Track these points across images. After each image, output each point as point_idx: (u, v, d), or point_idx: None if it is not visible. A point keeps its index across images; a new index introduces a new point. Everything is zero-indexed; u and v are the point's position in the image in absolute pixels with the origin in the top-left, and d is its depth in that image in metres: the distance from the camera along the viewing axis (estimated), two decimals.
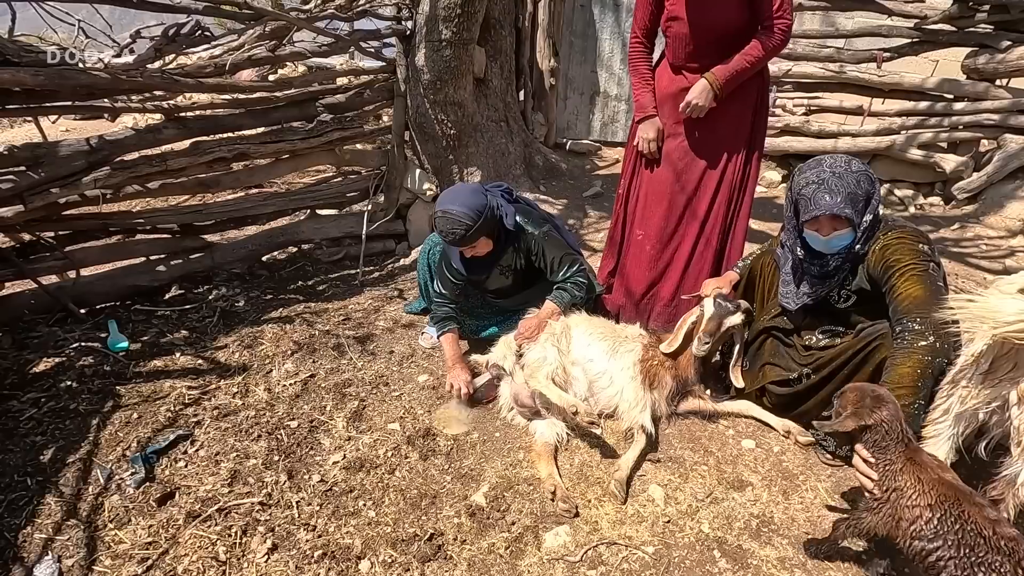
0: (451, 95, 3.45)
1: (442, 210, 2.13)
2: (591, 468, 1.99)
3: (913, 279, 1.69)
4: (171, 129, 2.81)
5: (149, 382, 2.34)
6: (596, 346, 2.24)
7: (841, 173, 1.77)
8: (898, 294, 1.70)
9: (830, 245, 1.83)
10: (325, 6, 3.19)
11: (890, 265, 1.74)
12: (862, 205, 1.78)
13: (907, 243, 1.75)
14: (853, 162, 1.80)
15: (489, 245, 2.28)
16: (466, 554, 1.66)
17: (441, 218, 2.13)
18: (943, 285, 1.71)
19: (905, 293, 1.68)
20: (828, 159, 1.83)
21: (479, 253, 2.28)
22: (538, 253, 2.35)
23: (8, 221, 2.48)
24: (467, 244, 2.18)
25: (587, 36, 5.64)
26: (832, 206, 1.75)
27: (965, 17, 4.10)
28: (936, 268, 1.73)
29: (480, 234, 2.17)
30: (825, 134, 4.87)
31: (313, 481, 1.89)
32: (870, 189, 1.79)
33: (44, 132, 2.90)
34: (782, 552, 1.67)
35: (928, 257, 1.73)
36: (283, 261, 3.51)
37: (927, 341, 1.59)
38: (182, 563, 1.60)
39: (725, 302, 2.11)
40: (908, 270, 1.71)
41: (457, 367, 2.29)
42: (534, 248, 2.35)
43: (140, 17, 2.68)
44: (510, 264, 2.42)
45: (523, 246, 2.36)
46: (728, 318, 2.09)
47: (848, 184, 1.75)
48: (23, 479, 1.85)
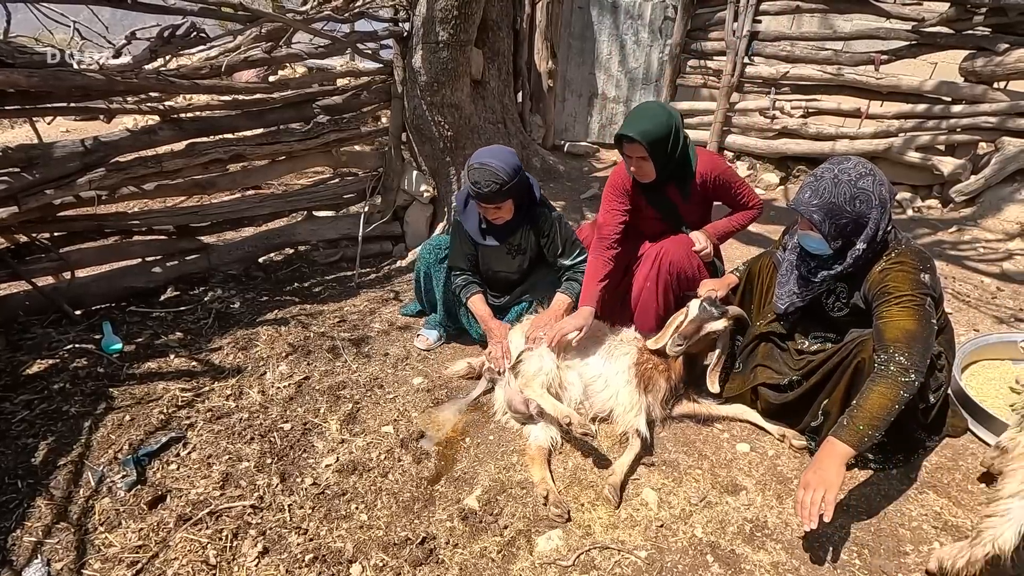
0: (448, 97, 3.44)
1: (480, 162, 2.16)
2: (585, 472, 1.98)
3: (907, 312, 1.65)
4: (167, 130, 2.80)
5: (142, 384, 2.34)
6: (591, 349, 2.23)
7: (843, 181, 1.69)
8: (888, 321, 1.67)
9: (804, 241, 1.84)
10: (322, 8, 3.19)
11: (888, 291, 1.70)
12: (848, 225, 1.70)
13: (908, 271, 1.69)
14: (866, 179, 1.69)
15: (511, 211, 2.31)
16: (458, 558, 1.65)
17: (479, 169, 2.15)
18: (935, 323, 1.69)
19: (896, 323, 1.65)
20: (852, 163, 1.73)
21: (503, 217, 2.31)
22: (550, 233, 2.41)
23: (3, 222, 2.47)
24: (499, 200, 2.20)
25: (585, 38, 5.64)
26: (803, 204, 1.73)
27: (963, 20, 4.10)
28: (932, 304, 1.69)
29: (511, 193, 2.21)
30: (823, 136, 4.87)
31: (305, 484, 1.89)
32: (864, 212, 1.68)
33: (39, 133, 2.89)
34: (775, 557, 1.67)
35: (926, 290, 1.68)
36: (279, 263, 3.51)
37: (910, 379, 1.59)
38: (172, 567, 1.59)
39: (711, 306, 2.09)
40: (904, 300, 1.66)
41: (495, 329, 2.36)
42: (547, 228, 2.41)
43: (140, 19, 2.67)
44: (519, 244, 2.46)
45: (537, 225, 2.42)
46: (710, 323, 2.07)
47: (838, 195, 1.68)
48: (13, 482, 1.84)
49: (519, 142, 4.69)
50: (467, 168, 2.21)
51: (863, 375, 1.76)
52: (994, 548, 1.42)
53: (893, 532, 1.74)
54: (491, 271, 2.58)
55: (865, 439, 1.58)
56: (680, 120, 2.19)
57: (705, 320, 2.07)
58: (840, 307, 1.89)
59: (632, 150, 2.15)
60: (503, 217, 2.31)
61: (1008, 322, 2.96)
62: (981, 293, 3.28)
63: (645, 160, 2.16)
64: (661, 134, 2.09)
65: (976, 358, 2.45)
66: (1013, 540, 1.41)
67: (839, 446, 1.58)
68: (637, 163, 2.19)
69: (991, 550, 1.43)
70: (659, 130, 2.09)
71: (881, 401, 1.59)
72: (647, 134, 2.08)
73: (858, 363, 1.78)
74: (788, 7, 4.83)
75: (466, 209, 2.44)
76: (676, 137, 2.14)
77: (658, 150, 2.12)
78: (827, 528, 1.75)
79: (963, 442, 2.08)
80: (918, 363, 1.60)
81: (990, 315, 3.03)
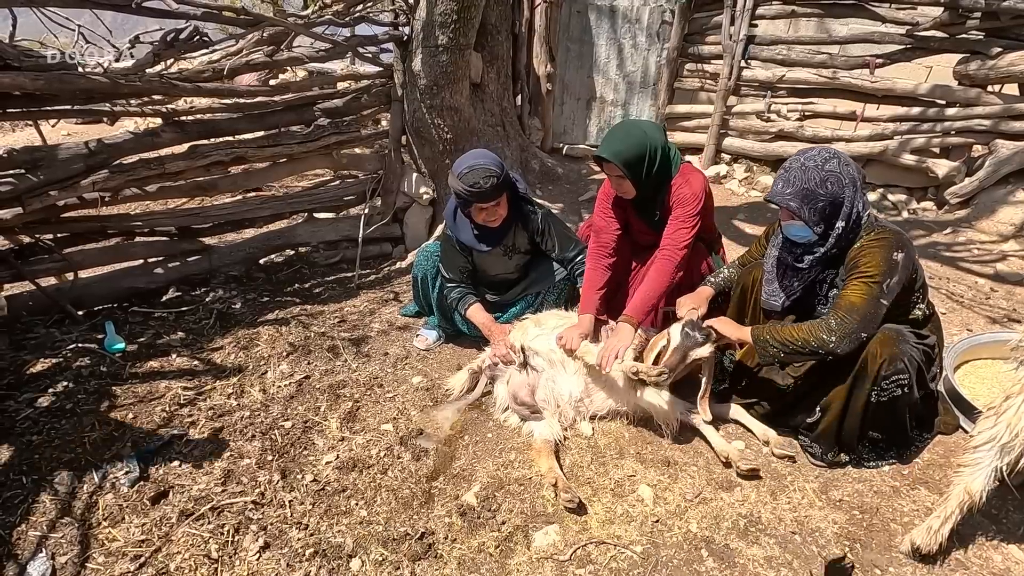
0: (448, 100, 3.48)
1: (468, 167, 2.20)
2: (581, 468, 2.01)
3: (862, 287, 1.76)
4: (169, 133, 2.84)
5: (145, 383, 2.36)
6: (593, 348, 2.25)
7: (809, 167, 1.76)
8: (843, 292, 1.80)
9: (789, 231, 1.87)
10: (323, 12, 3.23)
11: (856, 266, 1.78)
12: (825, 207, 1.75)
13: (883, 249, 1.75)
14: (831, 161, 1.76)
15: (507, 206, 2.35)
16: (456, 553, 1.67)
17: (470, 172, 2.18)
18: (885, 302, 1.76)
19: (847, 295, 1.78)
20: (816, 151, 1.80)
21: (500, 214, 2.34)
22: (544, 230, 2.46)
23: (7, 223, 2.51)
24: (498, 195, 2.24)
25: (583, 42, 5.68)
26: (778, 195, 1.78)
27: (956, 24, 4.14)
28: (895, 285, 1.75)
29: (506, 185, 2.25)
30: (819, 139, 4.91)
31: (306, 481, 1.91)
32: (837, 192, 1.74)
33: (43, 135, 2.92)
34: (769, 551, 1.69)
35: (892, 270, 1.74)
36: (280, 264, 3.54)
37: (829, 337, 1.76)
38: (174, 560, 1.61)
39: (693, 331, 1.99)
40: (864, 278, 1.76)
41: (498, 334, 2.37)
42: (540, 225, 2.45)
43: (143, 23, 2.70)
44: (513, 243, 2.50)
45: (527, 224, 2.46)
46: (694, 350, 1.97)
47: (808, 180, 1.74)
48: (18, 477, 1.87)
49: (518, 145, 4.73)
50: (458, 177, 2.21)
51: (868, 372, 1.80)
52: (966, 494, 1.53)
53: (885, 527, 1.77)
54: (489, 275, 2.62)
55: (762, 337, 1.87)
56: (661, 139, 2.19)
57: (689, 348, 1.97)
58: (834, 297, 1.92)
59: (610, 169, 2.20)
60: (501, 215, 2.34)
61: (1001, 322, 2.99)
62: (975, 294, 3.31)
63: (623, 179, 2.19)
64: (635, 154, 2.12)
65: (969, 357, 2.48)
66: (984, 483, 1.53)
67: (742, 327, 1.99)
68: (616, 181, 2.24)
69: (964, 498, 1.54)
70: (633, 151, 2.12)
71: (796, 333, 1.81)
72: (620, 155, 2.11)
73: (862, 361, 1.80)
74: (784, 11, 4.87)
75: (456, 221, 2.45)
76: (653, 156, 2.15)
77: (634, 170, 2.15)
78: (820, 523, 1.78)
79: (955, 439, 2.11)
80: (845, 330, 1.75)
81: (984, 315, 3.06)
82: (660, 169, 2.19)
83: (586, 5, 5.52)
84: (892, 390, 1.81)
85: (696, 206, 2.20)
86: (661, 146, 2.18)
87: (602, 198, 2.42)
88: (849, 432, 1.93)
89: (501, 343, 2.32)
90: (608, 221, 2.39)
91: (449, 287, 2.51)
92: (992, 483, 1.54)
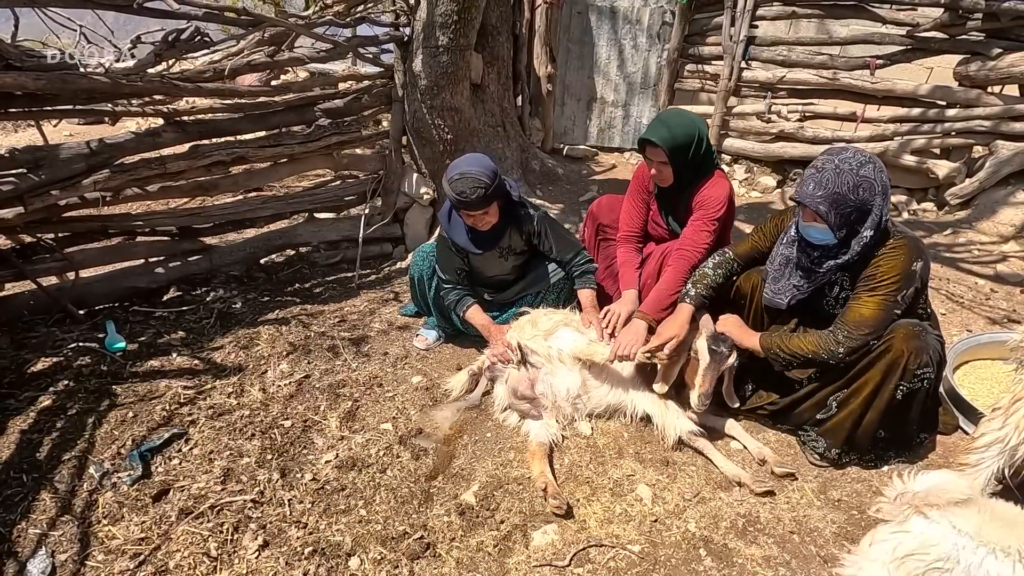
0: (448, 100, 3.48)
1: (459, 173, 2.20)
2: (580, 468, 2.01)
3: (874, 301, 1.77)
4: (170, 133, 2.85)
5: (145, 382, 2.37)
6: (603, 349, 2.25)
7: (844, 171, 1.71)
8: (855, 302, 1.81)
9: (807, 232, 1.84)
10: (324, 12, 3.24)
11: (873, 275, 1.77)
12: (852, 213, 1.72)
13: (903, 260, 1.74)
14: (867, 166, 1.72)
15: (497, 214, 2.35)
16: (455, 552, 1.68)
17: (459, 180, 2.18)
18: (898, 312, 1.78)
19: (858, 307, 1.79)
20: (851, 152, 1.75)
21: (490, 221, 2.34)
22: (540, 233, 2.48)
23: (8, 222, 2.52)
24: (486, 205, 2.23)
25: (584, 43, 5.69)
26: (808, 196, 1.75)
27: (957, 25, 4.14)
28: (911, 295, 1.76)
29: (496, 196, 2.25)
30: (819, 140, 4.91)
31: (305, 479, 1.92)
32: (868, 199, 1.71)
33: (45, 135, 2.93)
34: (767, 551, 1.69)
35: (910, 281, 1.75)
36: (280, 264, 3.54)
37: (836, 349, 1.81)
38: (174, 558, 1.62)
39: (719, 347, 2.01)
40: (879, 290, 1.76)
41: (496, 334, 2.37)
42: (536, 228, 2.46)
43: (145, 23, 2.71)
44: (509, 245, 2.51)
45: (523, 227, 2.47)
46: (724, 363, 2.02)
47: (842, 184, 1.70)
48: (19, 476, 1.88)
49: (518, 145, 4.73)
50: (448, 182, 2.22)
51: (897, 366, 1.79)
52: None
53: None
54: (485, 276, 2.62)
55: (772, 349, 1.93)
56: (706, 132, 2.24)
57: (721, 363, 2.01)
58: (843, 300, 1.92)
59: (654, 154, 2.21)
60: (490, 221, 2.34)
61: (1001, 323, 2.99)
62: (975, 295, 3.31)
63: (665, 164, 2.22)
64: (683, 141, 2.15)
65: (968, 358, 2.48)
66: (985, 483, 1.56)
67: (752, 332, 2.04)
68: (657, 167, 2.26)
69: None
70: (681, 138, 2.15)
71: (806, 345, 1.87)
72: (668, 140, 2.15)
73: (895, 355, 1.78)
74: (784, 12, 4.88)
75: (451, 223, 2.46)
76: (699, 145, 2.19)
77: (678, 156, 2.17)
78: (818, 523, 1.78)
79: (954, 439, 2.11)
80: (852, 344, 1.80)
81: (984, 316, 3.06)
82: (700, 161, 2.22)
83: (587, 6, 5.53)
84: (917, 384, 1.81)
85: (718, 210, 2.24)
86: (706, 137, 2.23)
87: (635, 186, 2.50)
88: (867, 428, 1.89)
89: (499, 343, 2.33)
90: (639, 209, 2.50)
91: (446, 289, 2.51)
92: (992, 483, 1.53)
